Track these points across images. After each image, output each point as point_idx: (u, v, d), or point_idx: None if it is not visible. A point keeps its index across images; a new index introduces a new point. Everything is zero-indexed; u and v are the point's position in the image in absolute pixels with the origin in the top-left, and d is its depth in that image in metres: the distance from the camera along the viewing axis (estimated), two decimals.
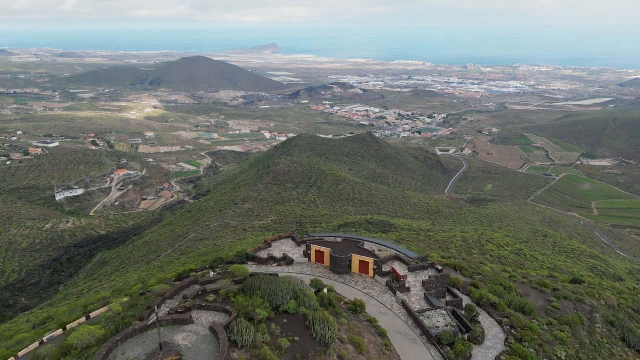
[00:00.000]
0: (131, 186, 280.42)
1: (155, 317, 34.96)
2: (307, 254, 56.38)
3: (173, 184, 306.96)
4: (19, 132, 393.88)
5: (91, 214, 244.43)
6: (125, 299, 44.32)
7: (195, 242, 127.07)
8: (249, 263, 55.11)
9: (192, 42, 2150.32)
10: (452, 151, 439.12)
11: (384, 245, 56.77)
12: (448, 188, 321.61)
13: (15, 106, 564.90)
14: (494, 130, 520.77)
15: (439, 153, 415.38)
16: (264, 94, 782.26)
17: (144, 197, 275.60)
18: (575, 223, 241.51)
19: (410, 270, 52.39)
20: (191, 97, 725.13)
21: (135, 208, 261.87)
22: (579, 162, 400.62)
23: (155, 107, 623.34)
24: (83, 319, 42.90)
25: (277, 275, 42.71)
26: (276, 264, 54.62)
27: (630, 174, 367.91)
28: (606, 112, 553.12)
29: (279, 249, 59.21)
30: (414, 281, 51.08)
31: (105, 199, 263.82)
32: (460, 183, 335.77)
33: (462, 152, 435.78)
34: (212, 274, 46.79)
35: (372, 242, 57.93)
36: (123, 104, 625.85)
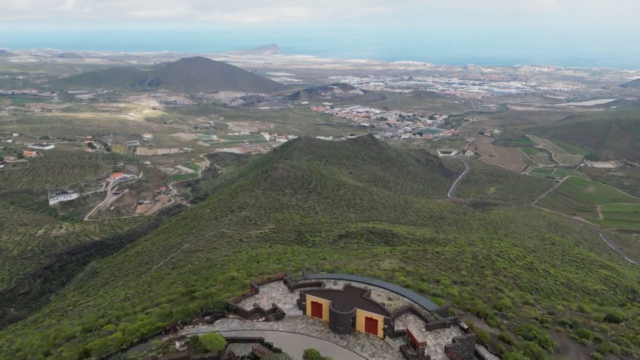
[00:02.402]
0: (127, 190, 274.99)
1: None
2: (301, 305, 47.24)
3: (170, 187, 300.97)
4: (15, 134, 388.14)
5: (85, 219, 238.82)
6: None
7: (188, 254, 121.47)
8: (231, 316, 46.20)
9: (192, 42, 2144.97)
10: (453, 153, 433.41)
11: (396, 292, 47.91)
12: (450, 191, 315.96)
13: (12, 107, 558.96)
14: (496, 131, 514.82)
15: (441, 155, 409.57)
16: (263, 94, 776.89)
17: (140, 201, 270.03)
18: (581, 228, 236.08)
19: (429, 328, 43.16)
20: (190, 98, 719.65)
21: (131, 212, 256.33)
22: (582, 164, 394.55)
23: (154, 108, 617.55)
24: None
25: (261, 341, 35.24)
26: (263, 319, 45.40)
27: (634, 177, 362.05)
28: (609, 113, 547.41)
29: (267, 296, 50.40)
30: (433, 344, 41.42)
31: (100, 203, 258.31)
32: (463, 186, 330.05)
33: (463, 153, 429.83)
34: (177, 344, 38.43)
35: (380, 287, 49.10)
36: (122, 105, 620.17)
